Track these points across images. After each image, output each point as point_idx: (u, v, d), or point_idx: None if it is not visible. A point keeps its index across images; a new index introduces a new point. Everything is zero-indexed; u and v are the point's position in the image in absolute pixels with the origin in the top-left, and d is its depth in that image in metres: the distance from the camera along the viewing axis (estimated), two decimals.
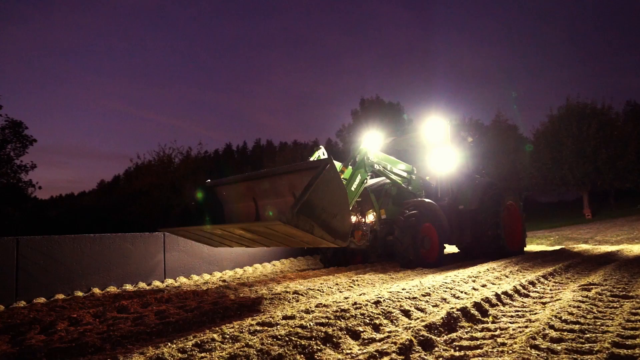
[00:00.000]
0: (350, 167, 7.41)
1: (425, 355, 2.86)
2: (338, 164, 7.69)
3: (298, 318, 3.76)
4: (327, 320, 3.47)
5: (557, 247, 12.55)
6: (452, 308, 3.78)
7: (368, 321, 3.60)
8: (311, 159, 7.66)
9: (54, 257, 6.79)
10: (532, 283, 5.52)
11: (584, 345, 2.89)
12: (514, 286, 5.07)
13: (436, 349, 3.01)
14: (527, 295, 4.94)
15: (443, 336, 3.29)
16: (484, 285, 5.43)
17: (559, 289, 5.35)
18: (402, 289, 4.71)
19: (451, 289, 4.95)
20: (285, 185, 5.71)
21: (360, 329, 3.45)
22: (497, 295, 4.57)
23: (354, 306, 3.91)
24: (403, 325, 3.61)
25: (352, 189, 6.84)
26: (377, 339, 3.28)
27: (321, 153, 8.01)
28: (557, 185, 32.21)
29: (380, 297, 4.18)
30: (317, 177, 4.59)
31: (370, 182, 8.45)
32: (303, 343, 3.05)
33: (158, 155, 30.73)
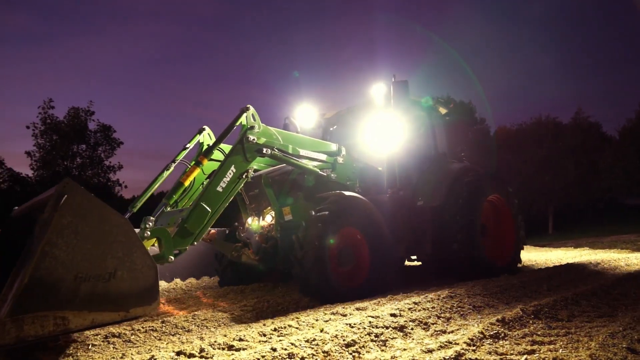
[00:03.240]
0: (218, 150, 5.15)
1: (495, 347, 2.91)
2: (207, 138, 5.69)
3: (370, 309, 3.91)
4: (399, 312, 3.60)
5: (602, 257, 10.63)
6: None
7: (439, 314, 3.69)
8: (189, 146, 5.62)
9: None
10: None
11: None
12: None
13: (507, 342, 3.03)
14: None
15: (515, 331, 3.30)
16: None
17: None
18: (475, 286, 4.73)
19: None
20: None
21: (432, 320, 3.54)
22: None
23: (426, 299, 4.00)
24: (474, 319, 3.65)
25: (219, 189, 4.58)
26: (447, 330, 3.37)
27: (205, 137, 5.66)
28: None
29: (452, 293, 4.24)
30: (45, 230, 2.68)
31: (268, 169, 6.01)
32: (376, 331, 3.20)
33: None
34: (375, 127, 6.85)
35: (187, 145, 5.58)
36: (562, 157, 33.90)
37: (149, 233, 3.95)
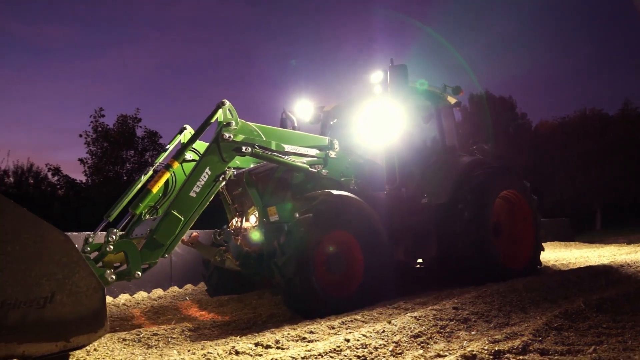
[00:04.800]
0: (191, 151, 4.76)
1: (561, 338, 3.00)
2: (189, 134, 5.12)
3: (431, 303, 4.06)
4: (461, 305, 3.73)
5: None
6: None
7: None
8: (169, 147, 5.11)
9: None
10: None
11: None
12: None
13: (572, 333, 3.11)
14: None
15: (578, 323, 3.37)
16: None
17: None
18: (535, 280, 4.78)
19: None
20: None
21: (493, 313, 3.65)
22: None
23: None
24: (535, 312, 3.74)
25: (192, 194, 4.18)
26: (510, 323, 3.47)
27: (186, 136, 5.13)
28: None
29: (511, 287, 4.33)
30: None
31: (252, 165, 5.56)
32: (441, 324, 3.34)
33: None
34: (375, 119, 6.20)
35: (167, 147, 5.10)
36: (609, 150, 32.74)
37: (111, 247, 3.69)
